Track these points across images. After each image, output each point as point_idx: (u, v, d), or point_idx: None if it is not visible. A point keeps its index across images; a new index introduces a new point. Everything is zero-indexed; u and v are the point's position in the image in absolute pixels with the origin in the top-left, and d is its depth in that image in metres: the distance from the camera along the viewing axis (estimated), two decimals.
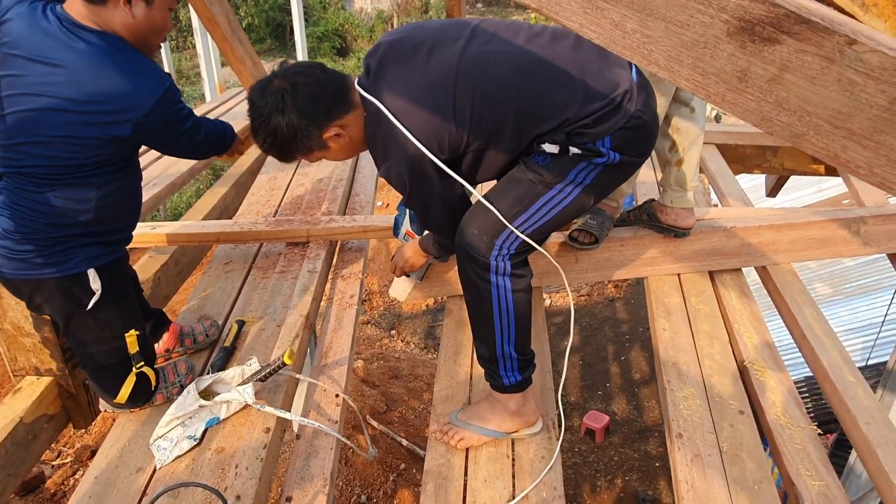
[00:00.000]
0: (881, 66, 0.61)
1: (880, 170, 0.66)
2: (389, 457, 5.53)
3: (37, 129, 1.49)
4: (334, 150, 1.69)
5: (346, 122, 1.63)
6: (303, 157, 1.70)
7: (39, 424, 1.94)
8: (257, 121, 1.61)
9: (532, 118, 1.59)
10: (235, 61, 3.59)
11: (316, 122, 1.59)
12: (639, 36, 0.71)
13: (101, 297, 1.67)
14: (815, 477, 1.65)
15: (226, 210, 3.28)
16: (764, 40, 0.65)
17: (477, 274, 1.66)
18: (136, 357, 1.78)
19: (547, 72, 1.57)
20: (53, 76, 1.46)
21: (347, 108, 1.62)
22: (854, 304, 6.02)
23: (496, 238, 1.63)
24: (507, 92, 1.58)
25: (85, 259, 1.63)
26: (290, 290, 2.37)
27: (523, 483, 1.66)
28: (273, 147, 1.65)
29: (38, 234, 1.58)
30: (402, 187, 1.66)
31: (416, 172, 1.61)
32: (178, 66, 14.91)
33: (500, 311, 1.67)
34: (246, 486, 1.59)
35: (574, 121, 1.57)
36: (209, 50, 6.55)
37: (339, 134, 1.63)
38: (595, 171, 1.62)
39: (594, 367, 7.49)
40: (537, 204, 1.63)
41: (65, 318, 1.70)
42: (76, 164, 1.53)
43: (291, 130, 1.58)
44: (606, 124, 1.57)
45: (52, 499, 4.93)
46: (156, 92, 1.53)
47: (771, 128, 0.69)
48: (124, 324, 1.75)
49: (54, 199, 1.55)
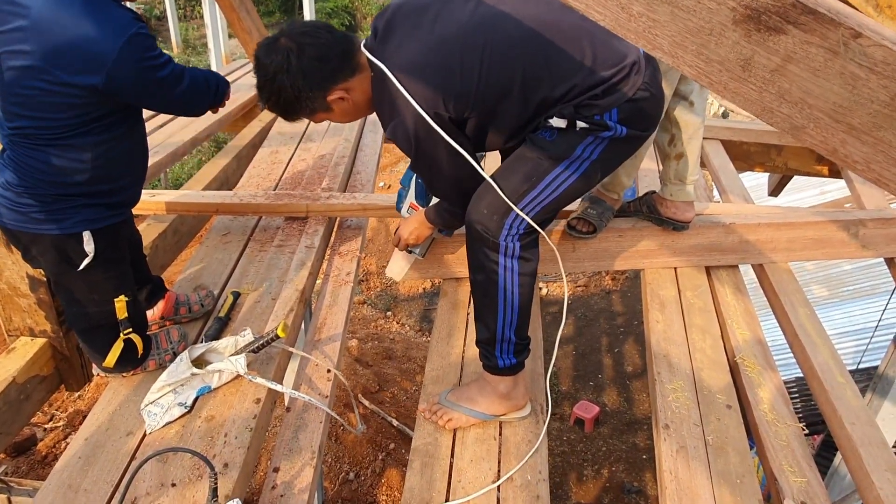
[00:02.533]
0: (885, 60, 0.61)
1: (877, 166, 0.66)
2: (379, 436, 5.57)
3: (19, 90, 1.49)
4: (338, 113, 1.68)
5: (351, 86, 1.62)
6: (306, 117, 1.69)
7: (32, 385, 1.96)
8: (262, 79, 1.60)
9: (539, 82, 1.58)
10: (242, 32, 3.57)
11: (320, 85, 1.58)
12: (644, 19, 0.70)
13: (94, 260, 1.68)
14: (797, 473, 1.66)
15: (226, 181, 3.27)
16: (770, 30, 0.65)
17: (486, 255, 1.67)
18: (125, 323, 1.78)
19: (556, 36, 1.56)
20: (21, 27, 1.44)
21: (353, 70, 1.61)
22: (849, 308, 6.04)
23: (505, 218, 1.64)
24: (515, 54, 1.56)
25: (82, 220, 1.64)
26: (286, 265, 2.37)
27: (509, 465, 1.67)
28: (276, 106, 1.64)
29: (37, 189, 1.59)
30: (408, 147, 1.64)
31: (422, 131, 1.59)
32: (185, 35, 14.81)
33: (505, 293, 1.68)
34: (234, 455, 1.60)
35: (582, 89, 1.56)
36: (216, 20, 6.50)
37: (342, 97, 1.63)
38: (602, 145, 1.62)
39: (587, 357, 7.52)
40: (545, 181, 1.64)
41: (55, 274, 1.72)
42: (67, 123, 1.53)
43: (295, 91, 1.58)
44: (615, 95, 1.57)
45: (44, 461, 4.97)
46: (120, 37, 1.48)
47: (771, 119, 0.69)
48: (115, 288, 1.76)
49: (51, 158, 1.56)
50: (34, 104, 1.50)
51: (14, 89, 1.50)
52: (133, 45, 1.50)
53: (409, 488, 1.62)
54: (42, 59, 1.45)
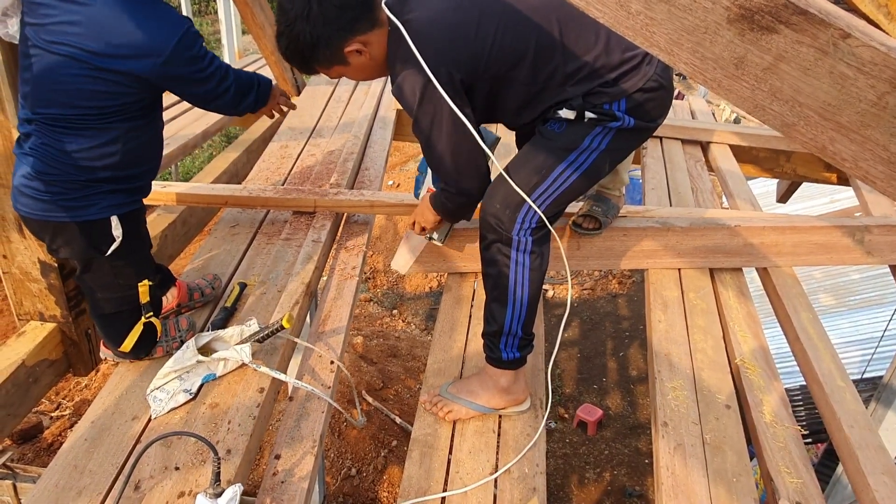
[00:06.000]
0: (872, 60, 0.63)
1: (865, 164, 0.68)
2: (382, 433, 5.60)
3: (61, 78, 1.54)
4: (354, 67, 1.66)
5: (369, 40, 1.61)
6: (323, 70, 1.68)
7: (41, 368, 1.99)
8: (282, 24, 1.60)
9: (552, 52, 1.59)
10: (255, 27, 3.60)
11: (339, 34, 1.58)
12: (642, 17, 0.73)
13: (121, 245, 1.72)
14: (793, 475, 1.68)
15: (236, 175, 3.31)
16: (762, 29, 0.67)
17: (499, 249, 1.70)
18: (147, 307, 1.83)
19: (574, 13, 1.57)
20: (75, 19, 1.50)
21: (372, 24, 1.60)
22: (856, 317, 6.02)
23: (518, 212, 1.67)
24: (531, 23, 1.58)
25: (109, 206, 1.68)
26: (293, 258, 2.40)
27: (507, 458, 1.69)
28: (295, 54, 1.64)
29: (65, 177, 1.62)
30: (412, 103, 1.62)
31: (427, 90, 1.58)
32: (200, 30, 14.88)
33: (515, 287, 1.71)
34: (237, 442, 1.63)
35: (592, 70, 1.58)
36: (231, 16, 6.56)
37: (360, 50, 1.61)
38: (609, 135, 1.65)
39: (592, 360, 7.52)
40: (555, 172, 1.67)
41: (83, 261, 1.75)
42: (102, 110, 1.58)
43: (314, 38, 1.57)
44: (626, 83, 1.59)
45: (49, 448, 5.02)
46: (177, 31, 1.58)
47: (763, 116, 0.71)
48: (138, 273, 1.80)
49: (81, 143, 1.61)
50: (73, 91, 1.55)
51: (54, 76, 1.54)
52: (187, 39, 1.60)
53: (407, 477, 1.65)
54: (96, 48, 1.52)
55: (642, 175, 3.35)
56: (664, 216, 2.51)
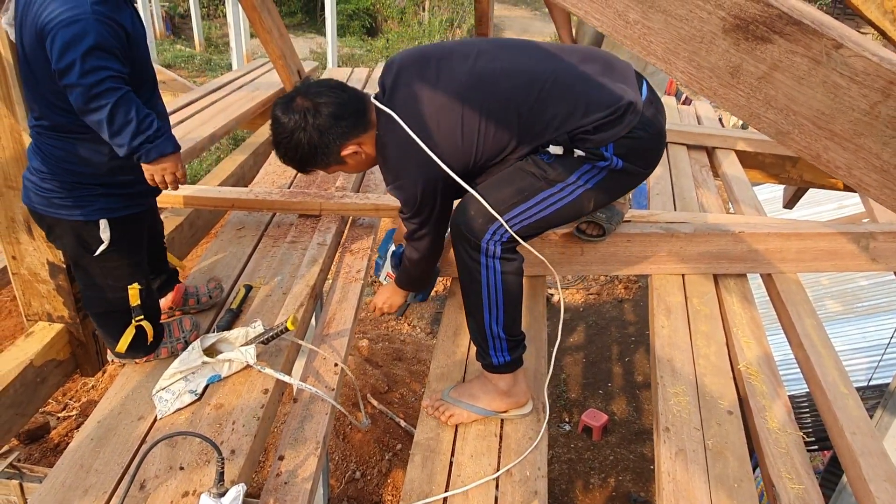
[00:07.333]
0: (864, 70, 0.64)
1: (858, 171, 0.69)
2: (386, 436, 5.61)
3: (34, 82, 1.59)
4: (351, 165, 1.78)
5: (364, 140, 1.72)
6: (321, 170, 1.79)
7: (48, 368, 2.02)
8: (280, 135, 1.69)
9: (533, 132, 1.67)
10: (263, 31, 3.63)
11: (336, 141, 1.68)
12: (640, 26, 0.74)
13: (109, 248, 1.75)
14: (794, 480, 1.68)
15: (242, 178, 3.34)
16: (757, 39, 0.68)
17: (468, 253, 1.73)
18: (137, 310, 1.84)
19: (551, 87, 1.65)
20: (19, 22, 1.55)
21: (366, 126, 1.71)
22: (864, 324, 5.98)
23: (491, 223, 1.69)
24: (510, 109, 1.66)
25: (100, 209, 1.71)
26: (298, 260, 2.42)
27: (509, 461, 1.70)
28: (293, 161, 1.74)
29: (59, 176, 1.67)
30: (413, 201, 1.73)
31: (429, 186, 1.70)
32: (208, 34, 14.98)
33: (488, 291, 1.73)
34: (241, 442, 1.64)
35: (572, 128, 1.65)
36: (239, 20, 6.61)
37: (356, 151, 1.73)
38: (599, 175, 1.69)
39: (597, 365, 7.50)
40: (536, 198, 1.70)
41: (73, 257, 1.82)
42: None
43: (312, 147, 1.68)
44: (607, 133, 1.64)
45: (56, 448, 5.05)
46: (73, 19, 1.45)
47: (758, 124, 0.72)
48: (129, 276, 1.82)
49: (71, 146, 1.65)
50: (47, 95, 1.58)
51: (47, 86, 1.57)
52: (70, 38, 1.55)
53: (409, 480, 1.66)
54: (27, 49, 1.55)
55: (647, 180, 3.36)
56: (668, 220, 2.52)
